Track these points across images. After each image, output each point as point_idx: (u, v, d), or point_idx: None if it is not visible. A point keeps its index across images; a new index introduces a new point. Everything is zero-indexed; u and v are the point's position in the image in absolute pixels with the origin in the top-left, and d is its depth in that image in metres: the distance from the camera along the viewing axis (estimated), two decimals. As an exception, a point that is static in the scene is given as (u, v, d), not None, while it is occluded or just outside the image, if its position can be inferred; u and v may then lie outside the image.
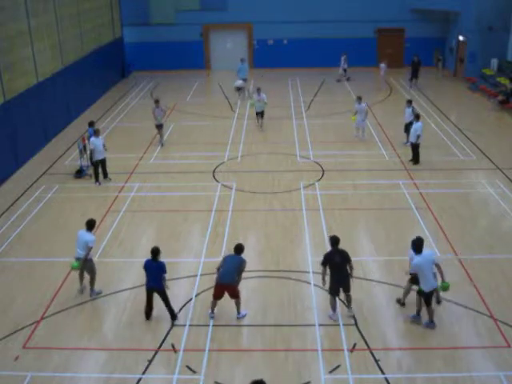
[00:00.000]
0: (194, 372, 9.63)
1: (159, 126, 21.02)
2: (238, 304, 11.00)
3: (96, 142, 17.49)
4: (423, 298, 10.46)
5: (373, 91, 29.45)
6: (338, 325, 10.75)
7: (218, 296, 10.87)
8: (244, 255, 10.94)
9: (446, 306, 11.16)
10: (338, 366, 9.67)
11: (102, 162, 17.80)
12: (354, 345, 10.20)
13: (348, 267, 10.70)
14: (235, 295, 10.88)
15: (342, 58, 31.30)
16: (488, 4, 29.02)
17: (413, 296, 10.98)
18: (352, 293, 10.90)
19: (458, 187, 17.07)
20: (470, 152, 20.00)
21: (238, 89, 27.78)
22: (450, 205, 15.76)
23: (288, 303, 11.47)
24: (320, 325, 10.74)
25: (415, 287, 10.77)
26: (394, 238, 14.01)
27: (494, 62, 29.13)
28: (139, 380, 9.51)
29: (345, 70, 31.47)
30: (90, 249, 11.46)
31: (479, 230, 14.48)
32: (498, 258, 13.00)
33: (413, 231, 14.06)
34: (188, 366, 9.76)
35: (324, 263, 10.71)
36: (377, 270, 12.52)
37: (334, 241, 10.73)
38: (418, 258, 10.30)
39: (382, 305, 11.37)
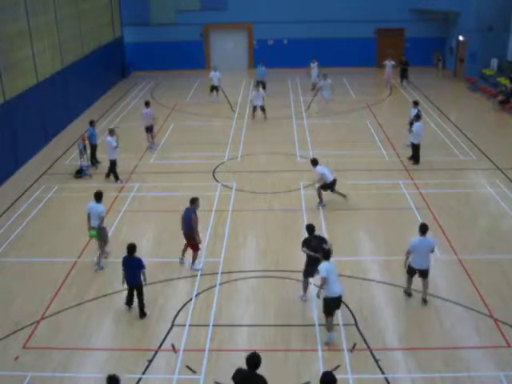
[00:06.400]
0: (194, 372, 9.64)
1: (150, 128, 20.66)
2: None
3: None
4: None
5: (373, 91, 29.45)
6: (338, 325, 10.73)
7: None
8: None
9: (446, 305, 11.17)
10: (338, 366, 9.66)
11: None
12: (354, 345, 10.20)
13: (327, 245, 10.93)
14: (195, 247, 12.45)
15: (315, 65, 28.83)
16: (488, 4, 29.01)
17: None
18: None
19: (457, 187, 17.06)
20: (470, 152, 20.00)
21: (213, 88, 27.43)
22: (449, 205, 15.75)
23: (288, 303, 11.47)
24: (320, 325, 10.73)
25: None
26: (393, 237, 13.99)
27: (494, 61, 29.12)
28: (139, 380, 9.51)
29: (317, 76, 28.59)
30: (102, 218, 12.72)
31: (479, 229, 14.47)
32: (498, 258, 13.00)
33: (413, 231, 14.03)
34: (188, 366, 9.76)
35: (302, 246, 11.31)
36: (377, 269, 12.51)
37: (310, 229, 11.38)
38: None
39: (382, 305, 11.37)
